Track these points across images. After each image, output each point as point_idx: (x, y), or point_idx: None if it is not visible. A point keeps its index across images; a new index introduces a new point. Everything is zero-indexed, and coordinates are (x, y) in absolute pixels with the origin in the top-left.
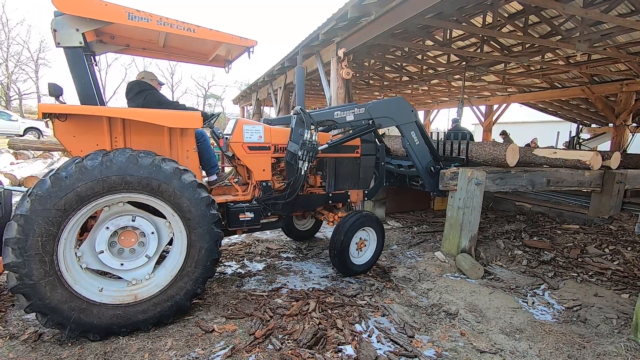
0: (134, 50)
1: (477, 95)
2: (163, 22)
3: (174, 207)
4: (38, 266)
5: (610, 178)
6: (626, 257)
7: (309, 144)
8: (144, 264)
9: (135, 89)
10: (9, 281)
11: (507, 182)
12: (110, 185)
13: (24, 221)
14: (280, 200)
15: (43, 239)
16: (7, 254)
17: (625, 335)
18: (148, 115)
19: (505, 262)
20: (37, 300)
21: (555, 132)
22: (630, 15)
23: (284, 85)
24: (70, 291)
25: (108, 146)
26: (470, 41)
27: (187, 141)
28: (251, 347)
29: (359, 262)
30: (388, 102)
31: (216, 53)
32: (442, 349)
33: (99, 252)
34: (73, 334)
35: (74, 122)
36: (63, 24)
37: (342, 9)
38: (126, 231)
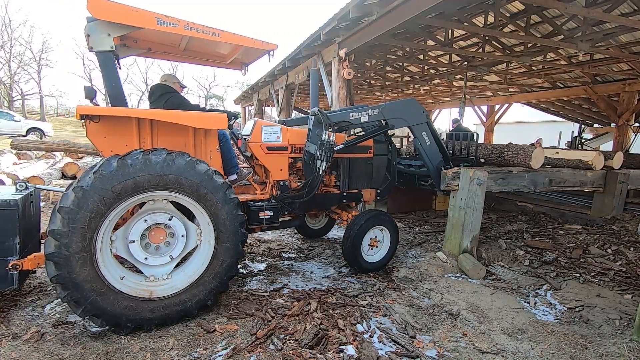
0: (156, 53)
1: (478, 95)
2: (190, 27)
3: (212, 217)
4: (79, 240)
5: (613, 178)
6: (629, 258)
7: (327, 144)
8: (166, 263)
9: (157, 91)
10: (47, 248)
11: (509, 182)
12: (165, 182)
13: (82, 194)
14: (298, 199)
15: (91, 216)
16: (56, 221)
17: (627, 336)
18: (177, 117)
19: (507, 262)
20: (65, 273)
21: (557, 132)
22: (633, 14)
23: (285, 85)
24: (96, 271)
25: (136, 146)
26: (472, 41)
27: (211, 142)
28: (253, 347)
29: (372, 260)
30: (401, 104)
31: (235, 56)
32: (444, 350)
33: (131, 241)
34: (84, 314)
35: (105, 124)
36: (96, 29)
37: (344, 9)
38: (158, 228)
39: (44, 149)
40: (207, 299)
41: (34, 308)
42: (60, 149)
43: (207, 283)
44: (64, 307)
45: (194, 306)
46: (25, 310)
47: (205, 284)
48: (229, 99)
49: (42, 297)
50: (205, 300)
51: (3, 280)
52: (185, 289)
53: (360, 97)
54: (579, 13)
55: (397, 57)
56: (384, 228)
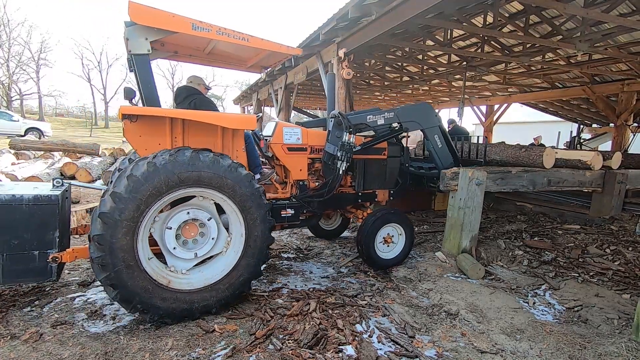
0: (181, 56)
1: (477, 95)
2: (222, 32)
3: (247, 231)
4: (132, 209)
5: (612, 178)
6: (627, 258)
7: (347, 146)
8: (189, 259)
9: (183, 93)
10: (102, 206)
11: (508, 182)
12: (211, 181)
13: (153, 169)
14: (318, 198)
15: (151, 192)
16: (120, 186)
17: (626, 335)
18: (210, 117)
19: (506, 262)
20: (108, 236)
21: (556, 132)
22: (632, 15)
23: (285, 85)
24: (134, 244)
25: (169, 145)
26: (471, 41)
27: (238, 142)
28: (252, 347)
29: (388, 256)
30: (415, 107)
31: (257, 60)
32: (443, 349)
33: (168, 227)
34: (106, 282)
35: (141, 123)
36: (134, 33)
37: (343, 9)
38: (193, 224)
39: (42, 149)
40: (214, 306)
41: (32, 308)
42: (59, 149)
43: (220, 291)
44: (62, 307)
45: (200, 309)
46: (24, 310)
47: (217, 291)
48: (228, 98)
49: (41, 298)
50: (211, 307)
51: (43, 273)
52: (199, 289)
53: (359, 97)
54: (577, 13)
55: (396, 57)
56: (398, 226)
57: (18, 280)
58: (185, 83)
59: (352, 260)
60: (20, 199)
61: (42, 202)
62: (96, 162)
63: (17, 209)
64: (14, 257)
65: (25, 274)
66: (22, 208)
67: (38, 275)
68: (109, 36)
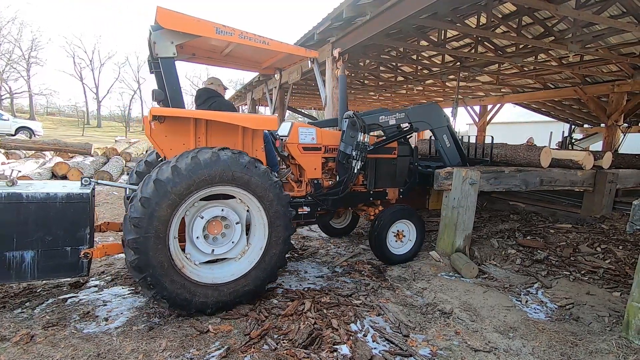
0: (199, 58)
1: (471, 95)
2: (244, 36)
3: (268, 242)
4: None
5: (602, 178)
6: (618, 256)
7: (362, 145)
8: (204, 253)
9: (203, 95)
10: (144, 189)
11: (501, 181)
12: (246, 183)
13: (194, 164)
14: (332, 196)
15: (186, 187)
16: (164, 174)
17: (616, 332)
18: (234, 118)
19: (499, 261)
20: (150, 211)
21: (548, 132)
22: (622, 16)
23: (279, 84)
24: (170, 218)
25: (193, 145)
26: (465, 42)
27: (257, 141)
28: (246, 348)
29: (400, 252)
30: (425, 108)
31: (273, 62)
32: (437, 348)
33: (200, 216)
34: (135, 244)
35: (167, 124)
36: (161, 37)
37: (338, 9)
38: (219, 222)
39: (33, 148)
40: (210, 306)
41: (23, 310)
42: (51, 148)
43: (222, 293)
44: (54, 309)
45: (197, 305)
46: (14, 312)
47: (219, 292)
48: None
49: (32, 299)
50: (208, 306)
51: (75, 268)
52: (204, 284)
53: (354, 97)
54: (569, 15)
55: (391, 57)
56: (409, 222)
57: (51, 275)
58: (205, 85)
59: (347, 259)
60: (54, 197)
61: (75, 200)
62: (88, 162)
63: (51, 207)
64: (48, 253)
65: (57, 270)
66: (56, 206)
67: (70, 271)
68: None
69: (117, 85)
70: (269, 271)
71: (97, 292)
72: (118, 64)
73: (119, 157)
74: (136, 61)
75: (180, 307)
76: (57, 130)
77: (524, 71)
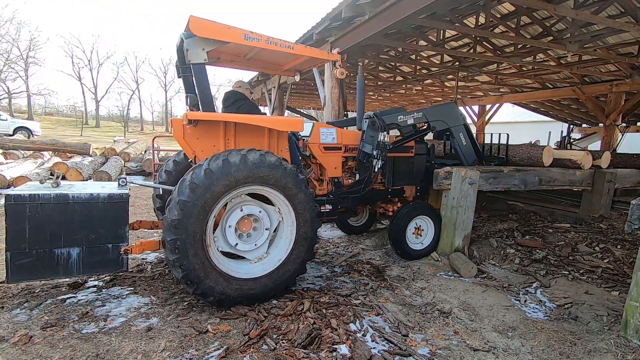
0: (223, 62)
1: (470, 95)
2: (270, 42)
3: (289, 256)
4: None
5: (601, 177)
6: (616, 255)
7: (382, 144)
8: (227, 242)
9: (231, 98)
10: (195, 175)
11: (500, 181)
12: (284, 188)
13: (238, 161)
14: (353, 195)
15: (224, 185)
16: (198, 174)
17: (615, 332)
18: (263, 121)
19: (498, 260)
20: (192, 199)
21: (546, 132)
22: (620, 16)
23: (278, 84)
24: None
25: (222, 147)
26: (464, 41)
27: (282, 142)
28: (245, 348)
29: (418, 247)
30: (442, 108)
31: (294, 65)
32: (436, 348)
33: (240, 209)
34: (177, 220)
35: (200, 127)
36: (193, 44)
37: (336, 9)
38: (250, 221)
39: (32, 148)
40: (213, 295)
41: (21, 310)
42: (49, 148)
43: (229, 287)
44: (52, 309)
45: (203, 287)
46: (13, 312)
47: (227, 285)
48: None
49: (30, 300)
50: (211, 294)
51: (115, 264)
52: (218, 270)
53: (352, 97)
54: (567, 14)
55: (390, 57)
56: (428, 218)
57: (94, 270)
58: (233, 88)
59: (346, 259)
60: (97, 197)
61: (115, 199)
62: (87, 162)
63: (94, 207)
64: (91, 250)
65: (100, 265)
66: (99, 205)
67: (111, 266)
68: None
69: (116, 85)
70: (278, 284)
71: (96, 293)
72: (116, 64)
73: (117, 157)
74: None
75: (191, 282)
76: (55, 130)
77: (523, 71)
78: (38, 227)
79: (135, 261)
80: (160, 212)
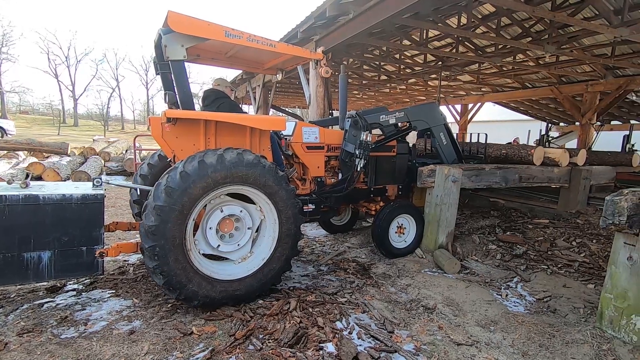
0: (203, 59)
1: (452, 94)
2: (252, 39)
3: (273, 254)
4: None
5: (577, 174)
6: (592, 250)
7: (365, 144)
8: (209, 244)
9: (211, 96)
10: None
11: (482, 179)
12: (264, 186)
13: (217, 162)
14: (336, 194)
15: (207, 183)
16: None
17: (591, 323)
18: (245, 119)
19: (480, 256)
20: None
21: (526, 131)
22: (594, 19)
23: (263, 83)
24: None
25: (203, 146)
26: (446, 41)
27: (264, 141)
28: (231, 349)
29: (401, 245)
30: (423, 107)
31: (276, 63)
32: (421, 343)
33: (221, 210)
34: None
35: (179, 126)
36: (172, 40)
37: (321, 7)
38: (232, 221)
39: (5, 148)
40: (197, 299)
41: None
42: (24, 148)
43: (213, 290)
44: (29, 314)
45: (187, 292)
46: None
47: (211, 288)
48: None
49: (5, 305)
50: (194, 298)
51: (90, 267)
52: (201, 273)
53: (337, 96)
54: (545, 16)
55: (374, 56)
56: (409, 216)
57: (67, 275)
58: (213, 86)
59: (332, 258)
60: (70, 198)
61: (90, 200)
62: (65, 162)
63: (67, 208)
64: (64, 253)
65: (74, 269)
66: (72, 207)
67: (86, 270)
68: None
69: (95, 83)
70: (263, 283)
71: (76, 296)
72: (95, 61)
73: (97, 157)
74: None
75: (173, 288)
76: (31, 129)
77: (503, 71)
78: (5, 230)
79: (117, 263)
80: (140, 218)
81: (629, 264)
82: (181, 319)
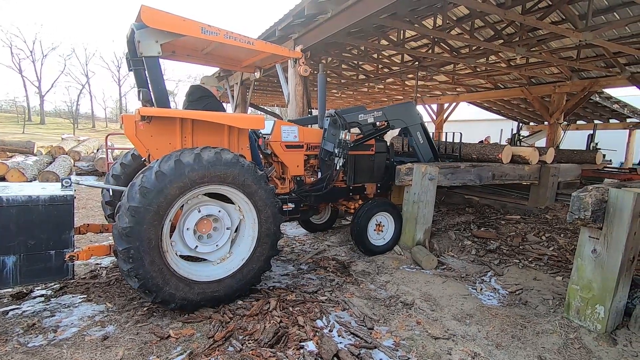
0: (179, 56)
1: (429, 94)
2: (229, 36)
3: (252, 255)
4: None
5: (546, 171)
6: (560, 243)
7: (344, 143)
8: (187, 245)
9: (197, 93)
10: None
11: (458, 176)
12: (243, 185)
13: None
14: (316, 192)
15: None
16: (169, 163)
17: (559, 314)
18: (222, 118)
19: (456, 252)
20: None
21: (499, 130)
22: (561, 23)
23: (241, 81)
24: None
25: (179, 145)
26: (422, 42)
27: (243, 140)
28: (210, 351)
29: (380, 243)
30: (400, 107)
31: (253, 61)
32: (400, 339)
33: (198, 210)
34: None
35: (154, 124)
36: (145, 36)
37: (299, 5)
38: (210, 221)
39: None
40: (174, 302)
41: None
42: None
43: (191, 292)
44: None
45: (163, 295)
46: None
47: (189, 290)
48: (181, 94)
49: None
50: (171, 301)
51: (60, 272)
52: (178, 275)
53: (317, 95)
54: (516, 19)
55: (352, 55)
56: (388, 214)
57: (35, 280)
58: (200, 82)
59: (312, 256)
60: (36, 199)
61: (58, 202)
62: (31, 162)
63: (33, 210)
64: (31, 258)
65: (42, 274)
66: (39, 209)
67: (55, 275)
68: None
69: (63, 79)
70: (242, 284)
71: (44, 303)
72: (63, 56)
73: (66, 157)
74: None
75: (149, 291)
76: None
77: (477, 72)
78: None
79: (89, 267)
80: (112, 220)
81: (593, 256)
82: (158, 323)
